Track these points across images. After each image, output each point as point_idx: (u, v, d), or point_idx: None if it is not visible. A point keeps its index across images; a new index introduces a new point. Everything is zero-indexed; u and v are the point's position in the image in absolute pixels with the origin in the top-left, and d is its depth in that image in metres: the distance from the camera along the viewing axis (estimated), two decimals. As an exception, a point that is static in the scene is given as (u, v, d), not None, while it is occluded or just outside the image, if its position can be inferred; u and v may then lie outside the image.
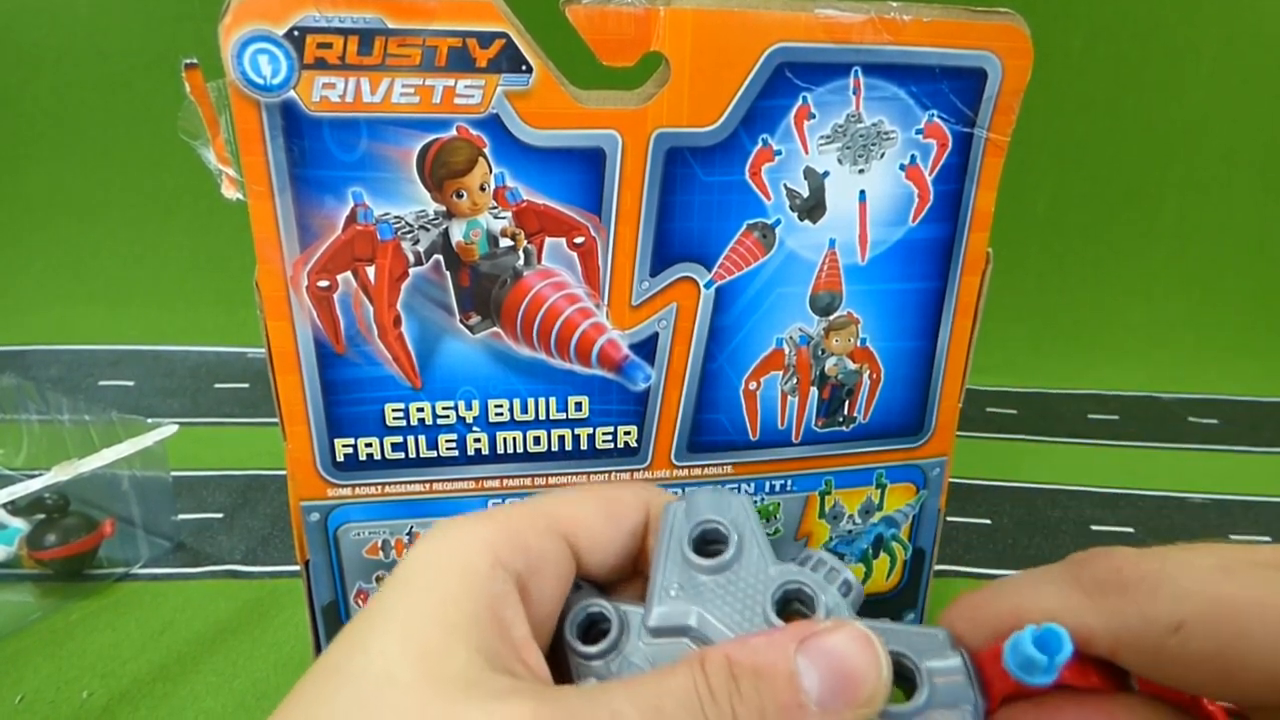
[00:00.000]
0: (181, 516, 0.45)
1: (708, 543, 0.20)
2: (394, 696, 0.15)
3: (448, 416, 0.28)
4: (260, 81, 0.23)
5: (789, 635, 0.17)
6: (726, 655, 0.16)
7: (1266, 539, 0.47)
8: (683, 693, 0.16)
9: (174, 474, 0.43)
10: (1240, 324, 0.74)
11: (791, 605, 0.19)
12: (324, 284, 0.25)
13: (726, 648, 0.17)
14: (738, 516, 0.20)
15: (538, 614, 0.19)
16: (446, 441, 0.28)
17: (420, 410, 0.28)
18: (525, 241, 0.26)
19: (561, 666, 0.20)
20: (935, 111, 0.27)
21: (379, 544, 0.29)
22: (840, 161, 0.27)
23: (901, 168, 0.28)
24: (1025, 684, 0.16)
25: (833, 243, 0.28)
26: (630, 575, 0.22)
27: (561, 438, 0.29)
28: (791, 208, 0.27)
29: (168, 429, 0.41)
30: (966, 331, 0.31)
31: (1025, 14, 0.26)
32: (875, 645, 0.17)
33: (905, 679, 0.18)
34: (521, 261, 0.26)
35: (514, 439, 0.29)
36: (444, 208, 0.25)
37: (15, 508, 0.40)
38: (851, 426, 0.31)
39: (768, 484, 0.31)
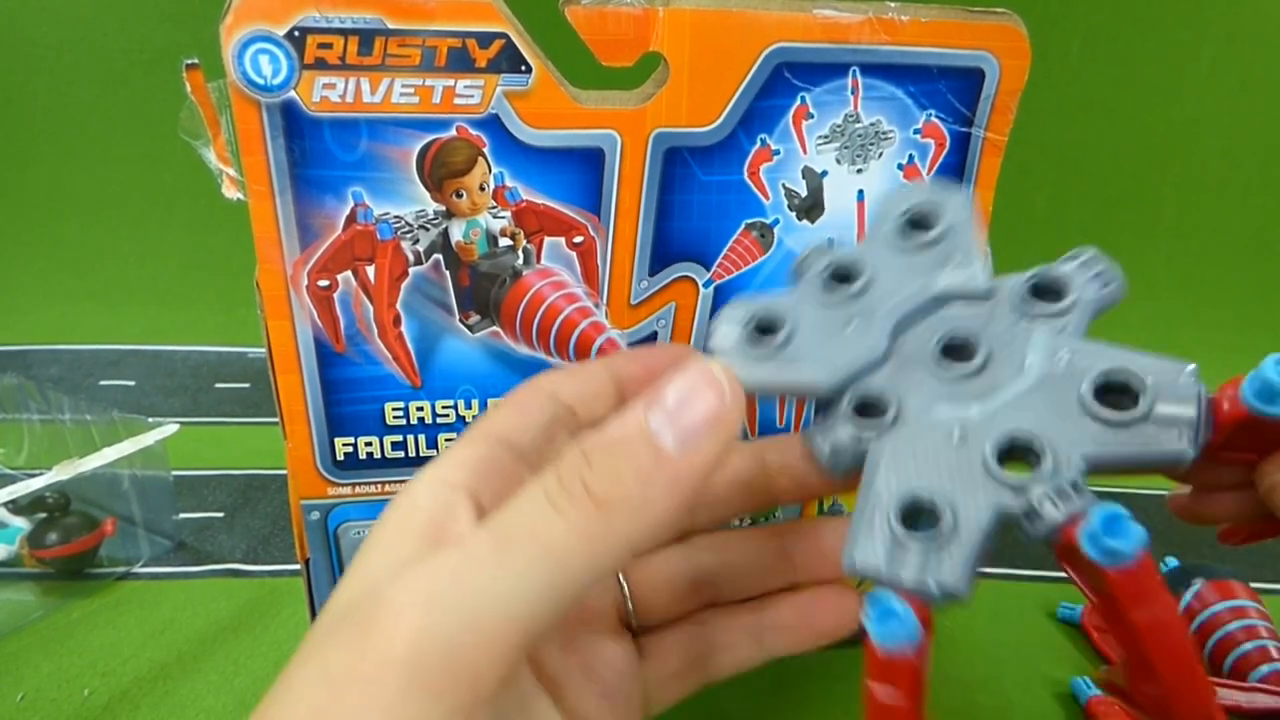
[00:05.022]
0: (182, 515, 0.45)
1: (917, 227, 0.21)
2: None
3: (447, 415, 0.28)
4: (261, 82, 0.23)
5: (638, 402, 0.17)
6: (580, 448, 0.17)
7: (1265, 538, 0.47)
8: (528, 493, 0.17)
9: (175, 473, 0.43)
10: (1239, 324, 0.74)
11: (1045, 293, 0.20)
12: (324, 283, 0.26)
13: (581, 443, 0.17)
14: (953, 208, 0.21)
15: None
16: (446, 440, 0.28)
17: (420, 409, 0.28)
18: (524, 241, 0.26)
19: None
20: (933, 111, 0.27)
21: (379, 542, 0.29)
22: (838, 161, 0.27)
23: (899, 167, 0.28)
24: (1263, 414, 0.18)
25: (831, 242, 0.28)
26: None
27: (561, 437, 0.29)
28: (790, 207, 0.27)
29: (168, 428, 0.41)
30: (965, 331, 0.31)
31: (1023, 14, 0.26)
32: (714, 368, 0.17)
33: (1129, 393, 0.18)
34: (521, 261, 0.27)
35: (513, 438, 0.29)
36: (444, 207, 0.25)
37: (16, 506, 0.40)
38: (850, 425, 0.31)
39: (766, 483, 0.31)
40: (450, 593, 0.16)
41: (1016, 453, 0.18)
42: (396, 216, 0.25)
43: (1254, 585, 0.36)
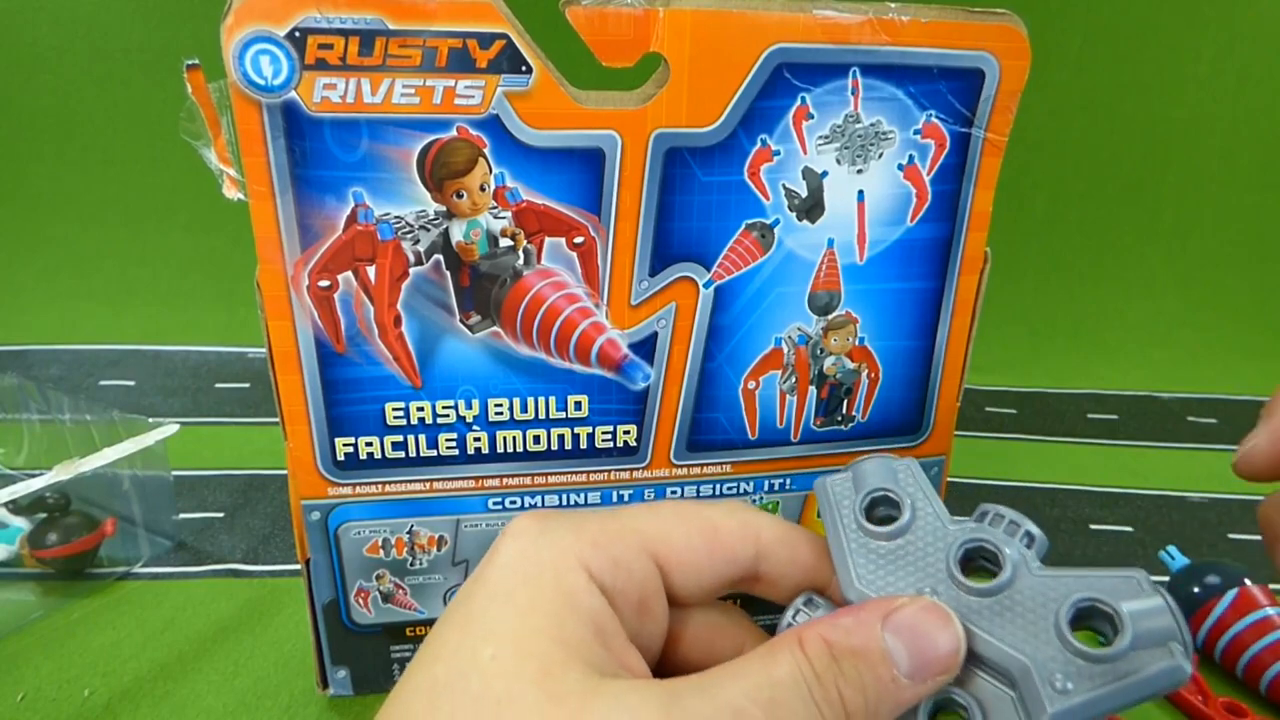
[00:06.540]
0: (182, 516, 0.45)
1: (877, 509, 0.20)
2: (521, 716, 0.16)
3: (448, 416, 0.28)
4: (262, 82, 0.23)
5: (873, 613, 0.17)
6: (823, 637, 0.17)
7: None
8: (791, 681, 0.16)
9: (175, 473, 0.43)
10: (1239, 324, 0.74)
11: (975, 562, 0.19)
12: (325, 284, 0.26)
13: (820, 628, 0.17)
14: (904, 481, 0.20)
15: (627, 627, 0.19)
16: (447, 440, 0.28)
17: (420, 409, 0.28)
18: (525, 241, 0.26)
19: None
20: (933, 112, 0.27)
21: (379, 542, 0.29)
22: (839, 161, 0.27)
23: (900, 168, 0.28)
24: None
25: (831, 242, 0.28)
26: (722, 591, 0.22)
27: (561, 437, 0.29)
28: (790, 208, 0.27)
29: (168, 428, 0.41)
30: (965, 331, 0.31)
31: (1023, 14, 0.26)
32: (949, 615, 0.17)
33: (1107, 623, 0.17)
34: (521, 261, 0.27)
35: (514, 438, 0.29)
36: (444, 208, 0.25)
37: (17, 507, 0.40)
38: (850, 425, 0.31)
39: (767, 483, 0.31)
40: None
41: None
42: (397, 217, 0.25)
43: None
